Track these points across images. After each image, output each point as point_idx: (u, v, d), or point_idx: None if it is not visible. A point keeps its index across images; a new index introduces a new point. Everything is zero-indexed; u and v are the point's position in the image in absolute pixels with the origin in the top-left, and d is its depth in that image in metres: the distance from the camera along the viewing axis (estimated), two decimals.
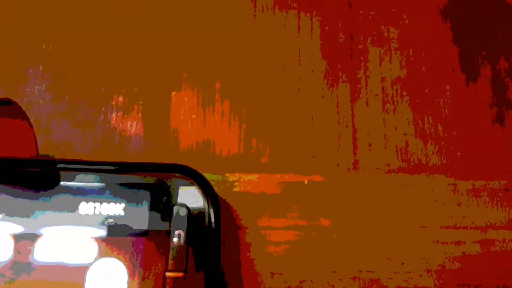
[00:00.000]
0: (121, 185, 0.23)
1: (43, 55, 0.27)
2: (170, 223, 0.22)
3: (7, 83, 0.27)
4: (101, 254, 0.22)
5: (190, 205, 0.22)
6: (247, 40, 0.28)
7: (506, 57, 0.28)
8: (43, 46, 0.28)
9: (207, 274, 0.21)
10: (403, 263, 0.24)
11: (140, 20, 0.28)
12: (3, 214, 0.22)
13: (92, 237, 0.22)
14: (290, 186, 0.25)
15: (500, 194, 0.26)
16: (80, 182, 0.23)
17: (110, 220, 0.22)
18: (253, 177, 0.26)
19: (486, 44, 0.28)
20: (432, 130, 0.27)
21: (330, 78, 0.27)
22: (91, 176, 0.23)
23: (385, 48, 0.28)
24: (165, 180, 0.23)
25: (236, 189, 0.25)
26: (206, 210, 0.22)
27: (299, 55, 0.28)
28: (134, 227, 0.22)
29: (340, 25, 0.28)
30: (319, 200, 0.25)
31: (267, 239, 0.25)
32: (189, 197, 0.23)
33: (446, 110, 0.27)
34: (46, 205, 0.22)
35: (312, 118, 0.27)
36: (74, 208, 0.22)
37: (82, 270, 0.21)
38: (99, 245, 0.22)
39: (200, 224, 0.22)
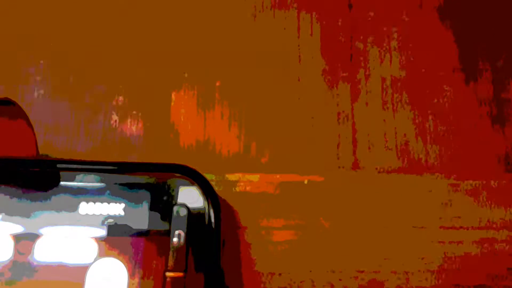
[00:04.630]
0: (121, 185, 0.23)
1: (43, 55, 0.27)
2: (170, 223, 0.22)
3: (7, 83, 0.27)
4: (101, 254, 0.22)
5: (190, 205, 0.22)
6: (247, 40, 0.28)
7: (506, 57, 0.28)
8: (43, 46, 0.28)
9: (207, 274, 0.21)
10: (402, 263, 0.24)
11: (140, 20, 0.28)
12: (3, 214, 0.22)
13: (92, 237, 0.22)
14: (290, 186, 0.25)
15: (500, 194, 0.26)
16: (80, 182, 0.23)
17: (110, 220, 0.22)
18: (253, 177, 0.26)
19: (486, 44, 0.28)
20: (432, 130, 0.27)
21: (330, 78, 0.27)
22: (91, 176, 0.23)
23: (385, 48, 0.28)
24: (165, 180, 0.23)
25: (236, 189, 0.25)
26: (206, 210, 0.22)
27: (299, 55, 0.28)
28: (134, 227, 0.22)
29: (340, 25, 0.28)
30: (319, 200, 0.25)
31: (267, 239, 0.25)
32: (189, 197, 0.23)
33: (446, 110, 0.27)
34: (46, 205, 0.22)
35: (312, 118, 0.27)
36: (74, 208, 0.22)
37: (82, 270, 0.21)
38: (99, 245, 0.22)
39: (200, 224, 0.22)
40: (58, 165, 0.23)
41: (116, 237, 0.22)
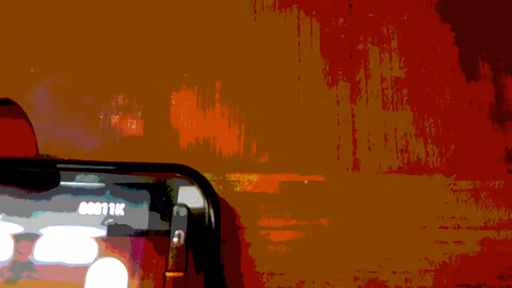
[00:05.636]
0: (121, 185, 0.23)
1: (43, 55, 0.27)
2: (170, 223, 0.22)
3: (7, 83, 0.27)
4: (101, 254, 0.22)
5: (190, 205, 0.22)
6: (247, 40, 0.28)
7: (506, 57, 0.28)
8: (43, 46, 0.28)
9: (207, 274, 0.21)
10: (402, 263, 0.24)
11: (140, 20, 0.28)
12: (3, 214, 0.22)
13: (92, 237, 0.22)
14: (290, 186, 0.25)
15: (500, 194, 0.26)
16: (80, 182, 0.23)
17: (110, 220, 0.22)
18: (253, 177, 0.26)
19: (486, 44, 0.28)
20: (432, 130, 0.27)
21: (330, 78, 0.27)
22: (91, 176, 0.23)
23: (385, 48, 0.28)
24: (165, 180, 0.23)
25: (236, 189, 0.25)
26: (206, 210, 0.22)
27: (299, 55, 0.28)
28: (134, 227, 0.22)
29: (340, 25, 0.28)
30: (319, 200, 0.25)
31: (267, 239, 0.25)
32: (189, 197, 0.23)
33: (446, 110, 0.27)
34: (46, 205, 0.22)
35: (312, 118, 0.27)
36: (74, 208, 0.22)
37: (82, 270, 0.21)
38: (99, 245, 0.22)
39: (200, 224, 0.22)
40: (58, 165, 0.23)
41: (116, 237, 0.22)
